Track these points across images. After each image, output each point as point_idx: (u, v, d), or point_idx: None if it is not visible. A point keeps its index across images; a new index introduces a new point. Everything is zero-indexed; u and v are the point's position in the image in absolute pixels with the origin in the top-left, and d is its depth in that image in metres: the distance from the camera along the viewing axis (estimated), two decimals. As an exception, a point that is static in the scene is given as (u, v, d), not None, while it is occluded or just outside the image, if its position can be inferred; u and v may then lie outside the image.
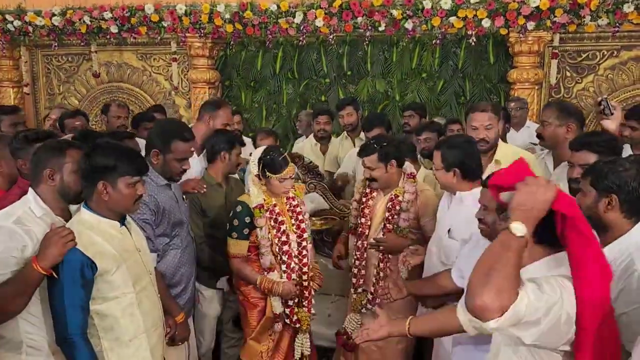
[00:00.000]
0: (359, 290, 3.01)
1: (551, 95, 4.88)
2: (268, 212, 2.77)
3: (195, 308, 3.05)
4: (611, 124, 2.70)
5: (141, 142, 3.10)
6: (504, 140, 3.54)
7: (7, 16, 5.50)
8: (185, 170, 2.62)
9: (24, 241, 1.91)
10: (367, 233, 2.99)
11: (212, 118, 3.19)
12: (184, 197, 2.84)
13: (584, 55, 4.78)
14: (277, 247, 2.79)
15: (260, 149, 2.81)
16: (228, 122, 3.25)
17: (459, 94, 5.14)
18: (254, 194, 2.77)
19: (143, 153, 2.57)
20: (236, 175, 3.42)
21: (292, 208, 2.88)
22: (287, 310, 2.82)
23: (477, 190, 2.33)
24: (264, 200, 2.77)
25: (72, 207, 2.14)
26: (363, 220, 3.01)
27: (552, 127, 2.90)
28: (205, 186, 2.97)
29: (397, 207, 2.90)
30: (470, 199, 2.44)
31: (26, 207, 2.00)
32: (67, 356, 1.93)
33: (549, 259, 1.52)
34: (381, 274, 2.94)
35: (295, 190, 2.91)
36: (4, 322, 1.92)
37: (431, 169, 3.01)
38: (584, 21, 4.36)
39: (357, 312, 3.01)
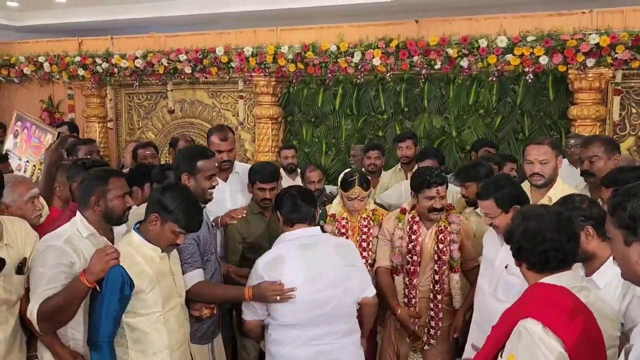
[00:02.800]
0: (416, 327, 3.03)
1: (615, 133, 4.73)
2: (337, 222, 3.21)
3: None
4: None
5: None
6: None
7: (97, 59, 6.16)
8: (214, 187, 2.76)
9: (73, 258, 2.19)
10: (418, 270, 3.03)
11: (208, 144, 3.33)
12: (217, 225, 3.11)
13: (650, 92, 4.64)
14: None
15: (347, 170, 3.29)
16: (217, 149, 3.25)
17: (517, 131, 5.05)
18: (334, 205, 3.31)
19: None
20: None
21: (362, 226, 3.22)
22: None
23: None
24: (338, 212, 3.23)
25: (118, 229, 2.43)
26: (415, 257, 3.01)
27: (603, 162, 2.89)
28: (245, 212, 3.16)
29: (448, 239, 2.99)
30: None
31: (74, 228, 2.27)
32: (92, 358, 2.15)
33: None
34: (440, 305, 3.01)
35: (374, 215, 3.24)
36: (58, 329, 2.21)
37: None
38: (647, 57, 4.26)
39: (417, 351, 3.08)
